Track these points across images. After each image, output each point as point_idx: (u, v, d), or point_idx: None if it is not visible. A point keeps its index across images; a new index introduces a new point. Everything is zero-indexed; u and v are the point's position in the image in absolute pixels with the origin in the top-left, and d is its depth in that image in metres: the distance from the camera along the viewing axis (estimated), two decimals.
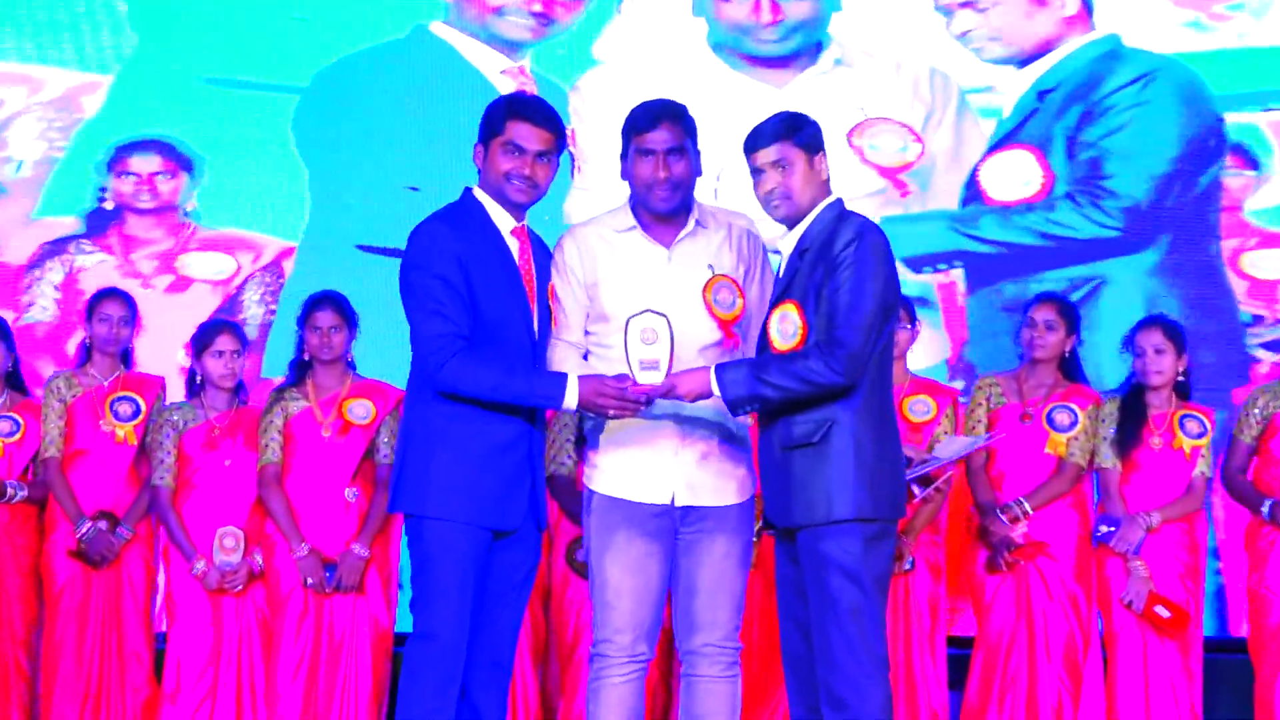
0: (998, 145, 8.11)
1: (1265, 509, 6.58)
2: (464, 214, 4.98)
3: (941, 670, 6.56)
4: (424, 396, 4.92)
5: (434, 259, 4.87)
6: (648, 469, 4.99)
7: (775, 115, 5.00)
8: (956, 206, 8.06)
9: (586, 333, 5.02)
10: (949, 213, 8.10)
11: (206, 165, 8.20)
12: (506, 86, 7.94)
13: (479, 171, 4.98)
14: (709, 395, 4.81)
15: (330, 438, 6.52)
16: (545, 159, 4.95)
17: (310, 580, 6.49)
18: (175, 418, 6.75)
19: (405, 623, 5.22)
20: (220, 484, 6.70)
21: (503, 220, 4.97)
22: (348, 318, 6.54)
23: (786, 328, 4.85)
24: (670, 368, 4.81)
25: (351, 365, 6.56)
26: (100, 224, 8.20)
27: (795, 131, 4.92)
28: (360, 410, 6.48)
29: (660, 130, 4.94)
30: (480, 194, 4.97)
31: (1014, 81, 8.17)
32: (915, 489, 5.96)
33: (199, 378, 6.73)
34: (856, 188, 7.77)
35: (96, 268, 8.14)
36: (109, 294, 6.96)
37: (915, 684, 6.49)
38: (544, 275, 5.02)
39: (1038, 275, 7.91)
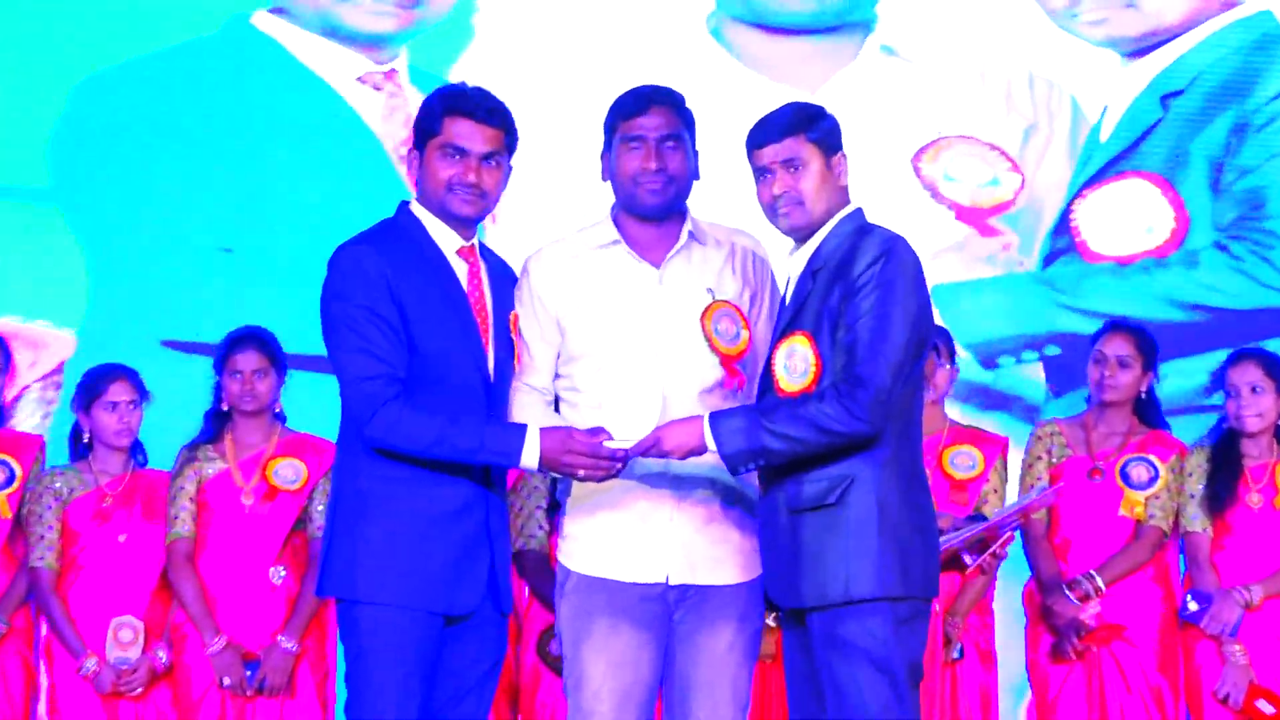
0: (1101, 174, 7.31)
1: None
2: (397, 233, 4.78)
3: None
4: (355, 454, 4.68)
5: (358, 286, 4.64)
6: (636, 541, 4.75)
7: (786, 106, 4.77)
8: (1036, 263, 7.33)
9: (556, 375, 4.80)
10: (1033, 276, 7.35)
11: None
12: (364, 100, 7.46)
13: (415, 183, 4.83)
14: (702, 450, 4.56)
15: (253, 506, 6.23)
16: (493, 161, 4.72)
17: (227, 680, 6.18)
18: (58, 485, 6.40)
19: None
20: (114, 564, 6.36)
21: (446, 239, 4.75)
22: (275, 360, 6.27)
23: (795, 364, 4.60)
24: (661, 416, 4.64)
25: (280, 417, 6.30)
26: None
27: (810, 124, 4.68)
28: (289, 472, 6.16)
29: (651, 115, 4.74)
30: (418, 209, 4.76)
31: (1121, 81, 7.33)
32: (966, 558, 5.82)
33: (86, 435, 6.43)
34: (925, 236, 6.95)
35: None
36: None
37: None
38: (503, 303, 4.83)
39: (1176, 361, 7.14)
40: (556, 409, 4.80)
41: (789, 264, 4.79)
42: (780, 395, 4.60)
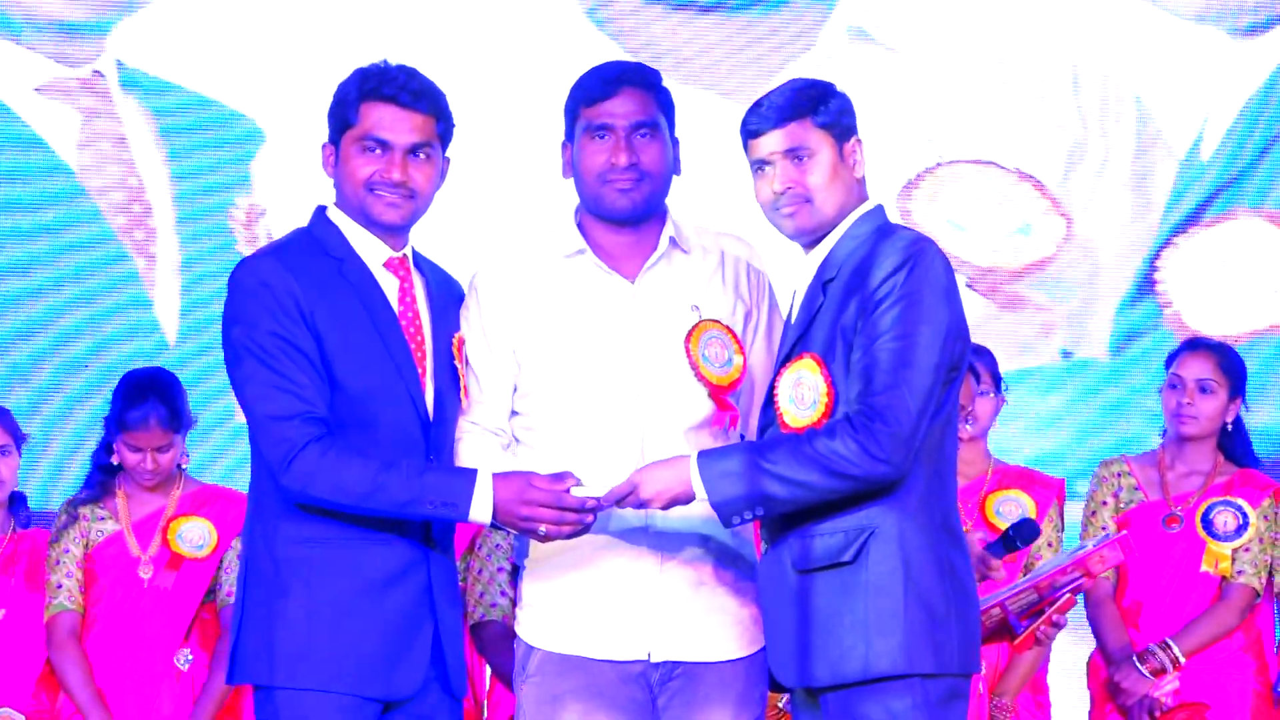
0: (1200, 213, 6.48)
1: None
2: (310, 244, 4.52)
3: None
4: (270, 510, 4.42)
5: (263, 309, 4.38)
6: (611, 611, 4.48)
7: (788, 84, 4.47)
8: (1105, 348, 6.62)
9: (513, 413, 4.50)
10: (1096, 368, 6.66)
11: None
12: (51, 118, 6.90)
13: (335, 185, 4.59)
14: (689, 498, 4.27)
15: (152, 578, 5.91)
16: (422, 154, 4.46)
17: None
18: None
19: None
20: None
21: (371, 250, 4.48)
22: (179, 419, 5.95)
23: (803, 394, 4.31)
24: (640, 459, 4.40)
25: (179, 467, 6.05)
26: None
27: (817, 106, 4.38)
28: (195, 534, 5.86)
29: (622, 98, 4.47)
30: (337, 215, 4.51)
31: (1231, 71, 6.39)
32: (1016, 625, 5.31)
33: None
34: None
35: None
36: None
37: None
38: (445, 324, 4.55)
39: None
40: (511, 450, 4.53)
41: (795, 274, 4.47)
42: (785, 431, 4.29)
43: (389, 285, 4.52)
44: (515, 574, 5.95)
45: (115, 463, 5.99)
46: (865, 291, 4.30)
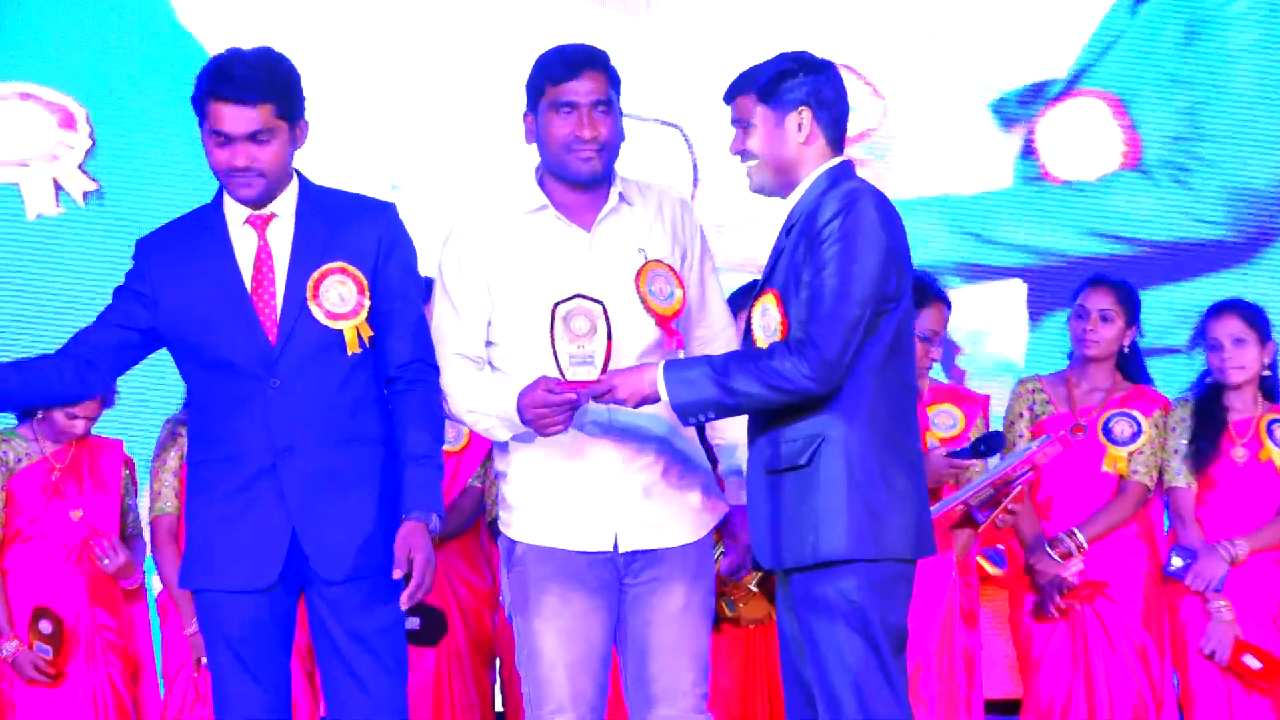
0: (1067, 89, 7.52)
1: None
2: (190, 216, 5.06)
3: None
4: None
5: (126, 276, 5.02)
6: (582, 509, 5.00)
7: (760, 63, 5.01)
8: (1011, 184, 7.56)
9: (489, 342, 5.03)
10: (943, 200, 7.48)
11: None
12: None
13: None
14: (655, 398, 4.79)
15: None
16: (262, 139, 4.88)
17: (205, 660, 6.18)
18: (5, 452, 6.74)
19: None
20: (61, 538, 6.74)
21: (234, 211, 4.98)
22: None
23: (767, 323, 4.84)
24: (607, 365, 4.81)
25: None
26: None
27: (760, 83, 4.93)
28: None
29: (584, 79, 4.94)
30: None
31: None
32: (978, 516, 6.15)
33: (38, 412, 6.72)
34: None
35: None
36: None
37: None
38: (308, 260, 4.94)
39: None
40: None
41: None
42: (754, 349, 4.84)
43: (244, 240, 4.95)
44: None
45: None
46: (810, 236, 4.77)
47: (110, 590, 6.81)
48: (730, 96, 5.05)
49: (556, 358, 4.86)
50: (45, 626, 6.59)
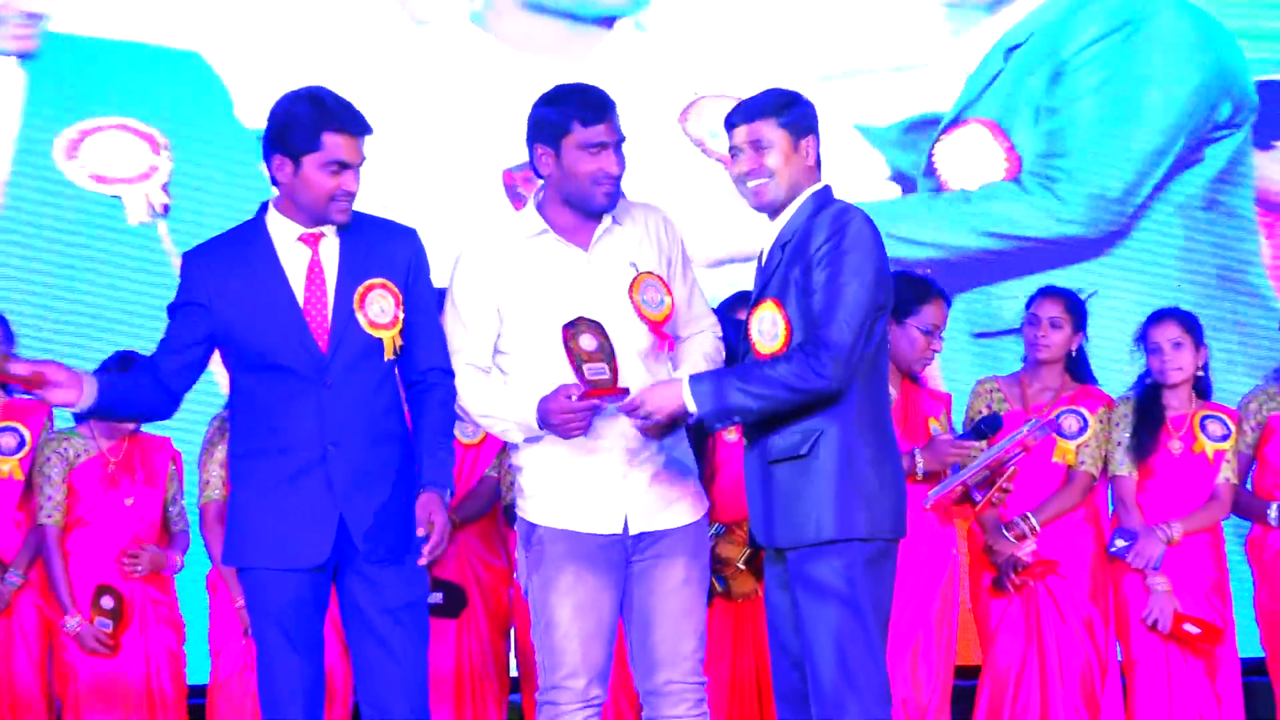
0: (956, 119, 8.19)
1: (1273, 513, 6.94)
2: (237, 233, 5.23)
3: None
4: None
5: (179, 289, 5.19)
6: (595, 495, 5.20)
7: (764, 91, 5.18)
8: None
9: (497, 352, 5.24)
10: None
11: None
12: None
13: (287, 191, 5.16)
14: (683, 411, 4.99)
15: None
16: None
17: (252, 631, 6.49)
18: (65, 449, 6.94)
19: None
20: (118, 524, 6.97)
21: (283, 230, 5.16)
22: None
23: (767, 329, 5.05)
24: (616, 377, 5.01)
25: None
26: None
27: (781, 109, 5.11)
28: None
29: (610, 122, 5.16)
30: (271, 209, 5.18)
31: (979, 38, 8.13)
32: (975, 495, 6.58)
33: None
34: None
35: None
36: None
37: None
38: (355, 275, 5.16)
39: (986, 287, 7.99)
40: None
41: (765, 237, 5.17)
42: (757, 357, 5.03)
43: (297, 256, 5.14)
44: None
45: None
46: (808, 252, 4.98)
47: (163, 565, 7.03)
48: (748, 119, 5.15)
49: (577, 372, 5.05)
50: (107, 602, 6.81)
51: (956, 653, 6.80)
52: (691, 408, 4.98)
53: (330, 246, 5.14)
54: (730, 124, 5.15)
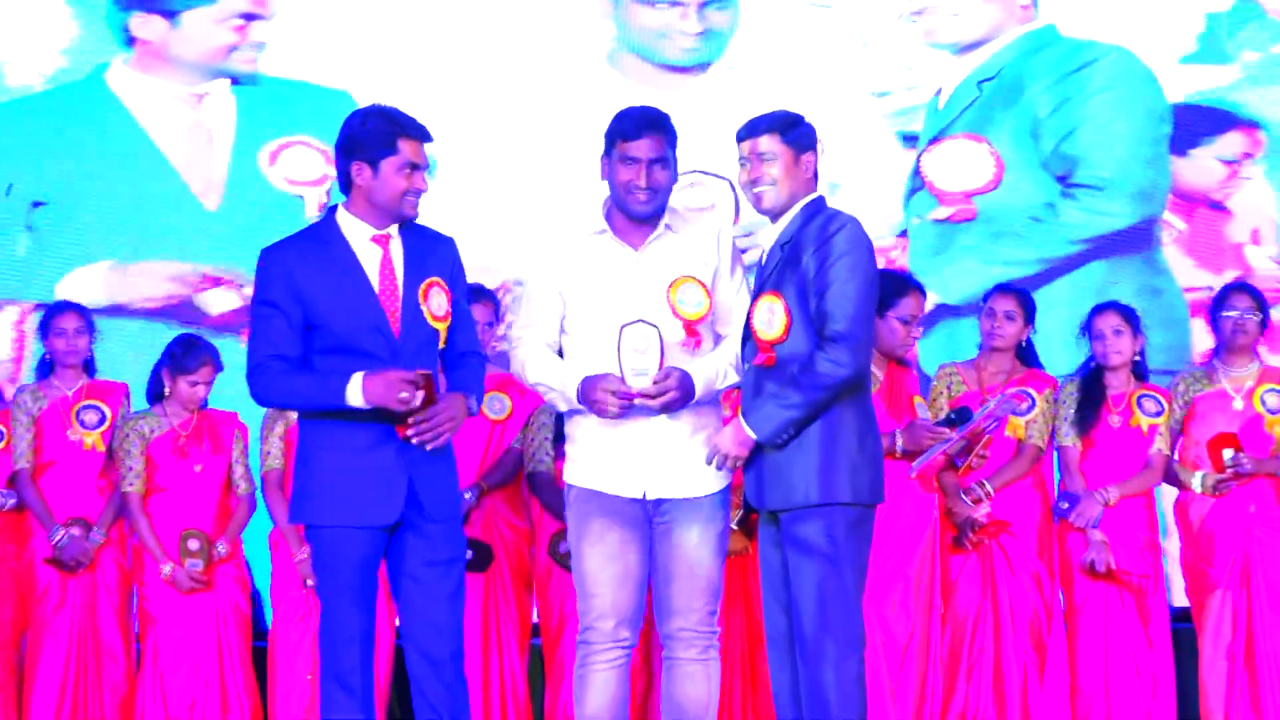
0: (939, 135, 8.97)
1: (1197, 481, 7.42)
2: (311, 233, 5.60)
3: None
4: (299, 417, 5.67)
5: (256, 285, 5.54)
6: (621, 464, 5.59)
7: (772, 111, 5.55)
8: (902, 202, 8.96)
9: (562, 331, 5.64)
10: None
11: None
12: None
13: (370, 193, 5.51)
14: (751, 443, 5.39)
15: None
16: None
17: (310, 581, 7.21)
18: (142, 426, 7.48)
19: None
20: (189, 488, 7.52)
21: (357, 231, 5.51)
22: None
23: (769, 318, 5.40)
24: (661, 372, 5.47)
25: None
26: None
27: (785, 128, 5.49)
28: None
29: (646, 139, 5.54)
30: (341, 212, 5.54)
31: (947, 72, 9.05)
32: (957, 461, 6.93)
33: (166, 391, 7.53)
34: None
35: None
36: (63, 307, 7.77)
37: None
38: (418, 273, 5.51)
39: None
40: (562, 355, 5.65)
41: (763, 237, 5.48)
42: (758, 344, 5.35)
43: (370, 254, 5.47)
44: (556, 441, 7.12)
45: None
46: (808, 253, 5.30)
47: (226, 526, 7.57)
48: (758, 133, 5.47)
49: (621, 367, 5.44)
50: (193, 545, 7.36)
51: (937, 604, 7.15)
52: (754, 437, 5.37)
53: (396, 247, 5.49)
54: (740, 138, 5.51)
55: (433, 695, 5.54)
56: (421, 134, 5.48)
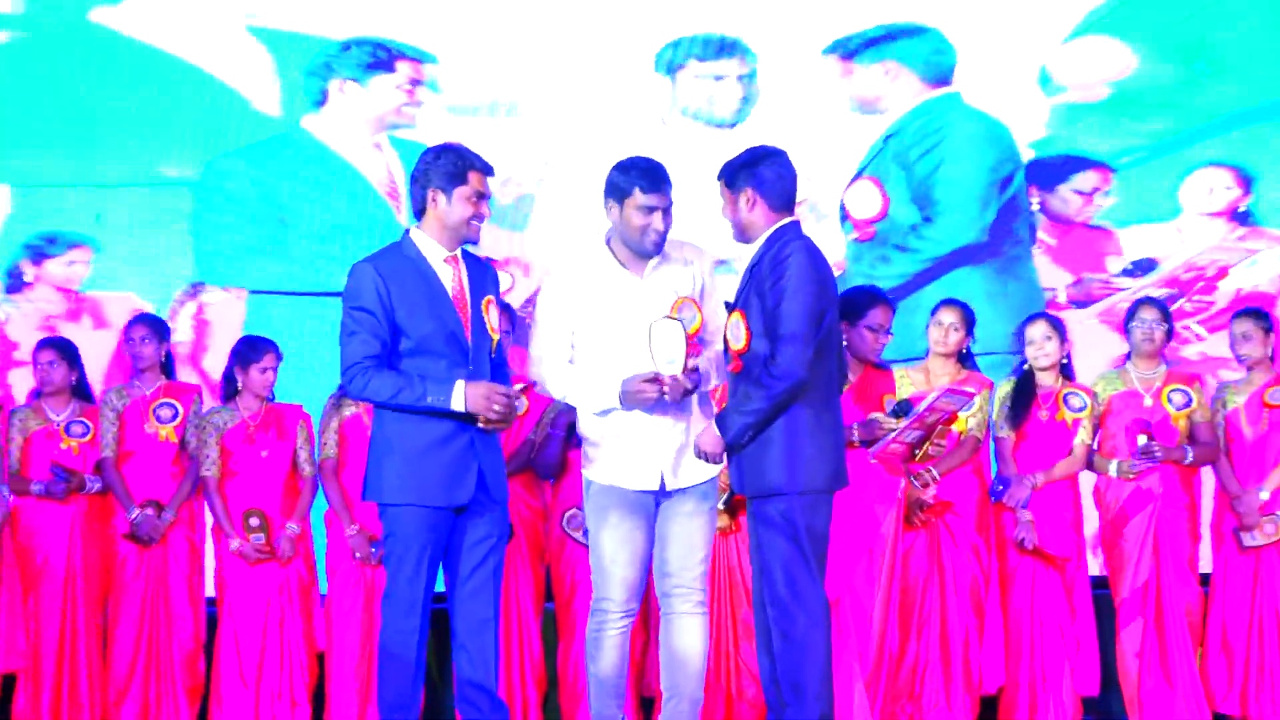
0: (856, 176, 10.17)
1: (1112, 467, 8.11)
2: (394, 251, 6.03)
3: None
4: (377, 409, 6.09)
5: (351, 294, 5.95)
6: (636, 460, 6.07)
7: (727, 161, 6.13)
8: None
9: (573, 345, 6.12)
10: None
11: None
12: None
13: (443, 219, 5.98)
14: (722, 442, 5.97)
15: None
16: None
17: (359, 554, 8.04)
18: (217, 420, 8.18)
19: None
20: (257, 472, 8.18)
21: (433, 252, 5.98)
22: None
23: (735, 333, 6.02)
24: (685, 364, 5.95)
25: None
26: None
27: (725, 174, 6.11)
28: None
29: (663, 191, 6.02)
30: (416, 233, 5.99)
31: (876, 127, 10.23)
32: (915, 451, 7.31)
33: (239, 385, 8.25)
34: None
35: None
36: (135, 320, 8.53)
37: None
38: (477, 292, 5.99)
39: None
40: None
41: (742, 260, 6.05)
42: (730, 353, 5.89)
43: (446, 272, 5.92)
44: (569, 432, 7.73)
45: None
46: (766, 274, 5.83)
47: (293, 506, 8.25)
48: (718, 180, 6.08)
49: (653, 358, 5.87)
50: (254, 522, 8.06)
51: (901, 572, 7.67)
52: (724, 437, 5.98)
53: (461, 268, 5.98)
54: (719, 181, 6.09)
55: (473, 649, 6.01)
56: (486, 168, 5.93)
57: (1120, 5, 10.12)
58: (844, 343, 7.17)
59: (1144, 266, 10.19)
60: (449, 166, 5.88)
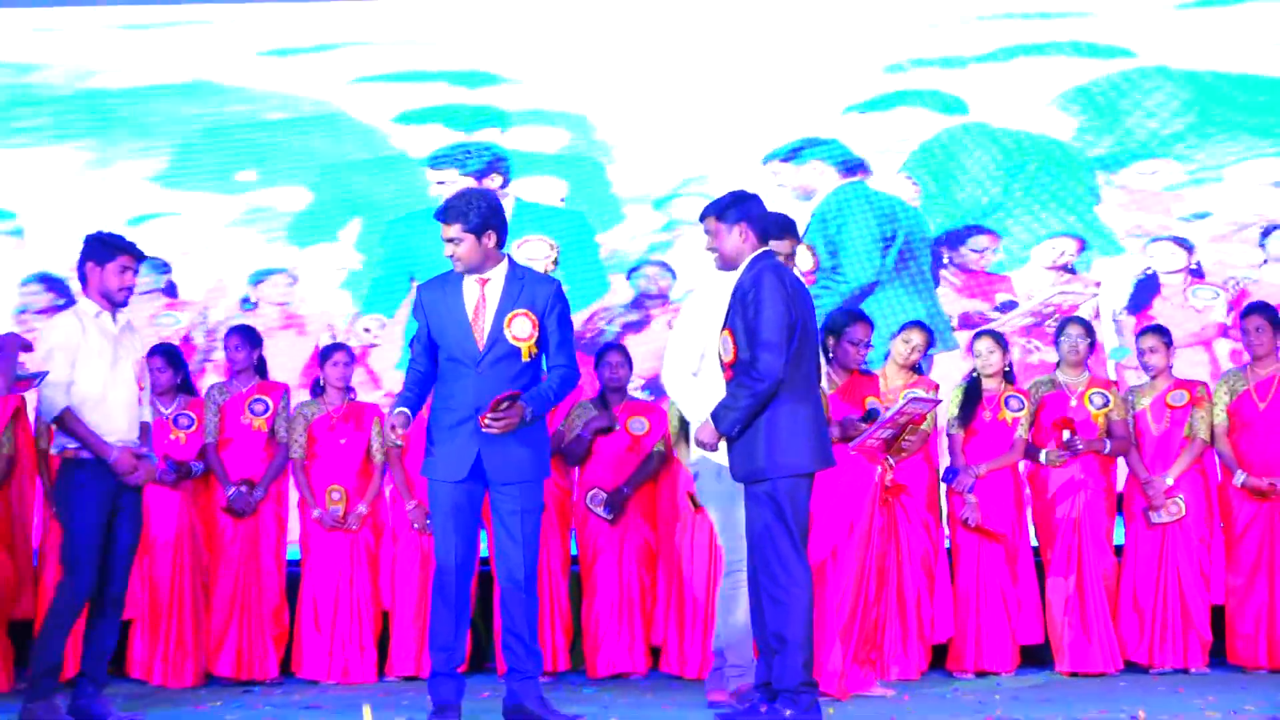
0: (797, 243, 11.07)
1: (1042, 456, 9.25)
2: (442, 275, 7.02)
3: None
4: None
5: (414, 309, 7.09)
6: (725, 453, 7.04)
7: (717, 198, 6.97)
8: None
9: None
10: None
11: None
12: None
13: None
14: (717, 434, 6.78)
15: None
16: (455, 243, 6.97)
17: (416, 525, 9.20)
18: (306, 411, 9.27)
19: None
20: (337, 455, 9.24)
21: (470, 274, 6.93)
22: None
23: (724, 348, 6.85)
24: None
25: None
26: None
27: (720, 210, 6.86)
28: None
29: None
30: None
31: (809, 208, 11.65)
32: (889, 447, 8.13)
33: (322, 381, 9.32)
34: None
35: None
36: (232, 330, 9.52)
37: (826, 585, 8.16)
38: (504, 308, 6.85)
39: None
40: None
41: (727, 284, 6.83)
42: (723, 364, 6.66)
43: (472, 290, 6.86)
44: (595, 435, 8.94)
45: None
46: (745, 293, 6.55)
47: (367, 486, 9.27)
48: (704, 216, 6.85)
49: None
50: (335, 495, 9.13)
51: (877, 548, 8.38)
52: (719, 430, 6.77)
53: (494, 287, 6.91)
54: (701, 217, 6.97)
55: (511, 604, 7.02)
56: (440, 216, 6.93)
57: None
58: (830, 354, 8.29)
59: (1006, 307, 11.77)
60: (503, 214, 6.99)
